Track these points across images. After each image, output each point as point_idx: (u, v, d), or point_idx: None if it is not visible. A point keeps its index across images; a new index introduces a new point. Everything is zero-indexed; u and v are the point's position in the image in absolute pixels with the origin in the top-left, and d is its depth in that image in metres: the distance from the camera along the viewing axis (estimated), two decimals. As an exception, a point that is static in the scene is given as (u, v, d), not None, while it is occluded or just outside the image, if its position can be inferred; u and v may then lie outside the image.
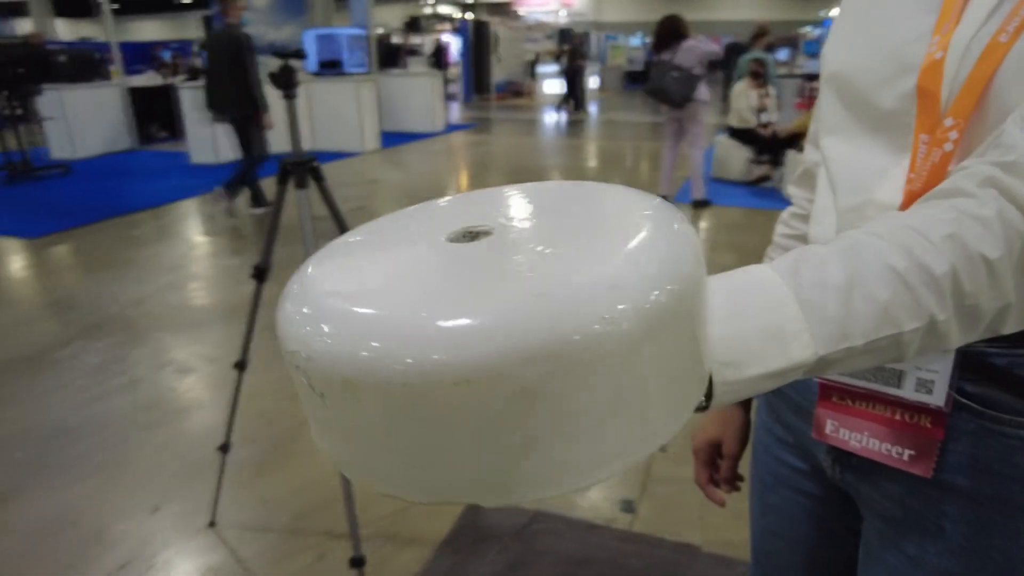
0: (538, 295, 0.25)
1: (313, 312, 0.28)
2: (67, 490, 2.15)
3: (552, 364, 0.24)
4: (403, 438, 0.26)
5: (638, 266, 0.27)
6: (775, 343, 0.36)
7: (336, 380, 0.26)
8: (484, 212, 0.35)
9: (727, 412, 0.82)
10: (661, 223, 0.30)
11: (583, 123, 12.83)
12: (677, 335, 0.28)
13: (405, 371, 0.24)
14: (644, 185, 5.66)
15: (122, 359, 3.07)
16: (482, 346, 0.24)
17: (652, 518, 1.99)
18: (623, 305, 0.25)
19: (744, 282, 0.37)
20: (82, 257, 4.78)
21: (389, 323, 0.25)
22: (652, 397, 0.28)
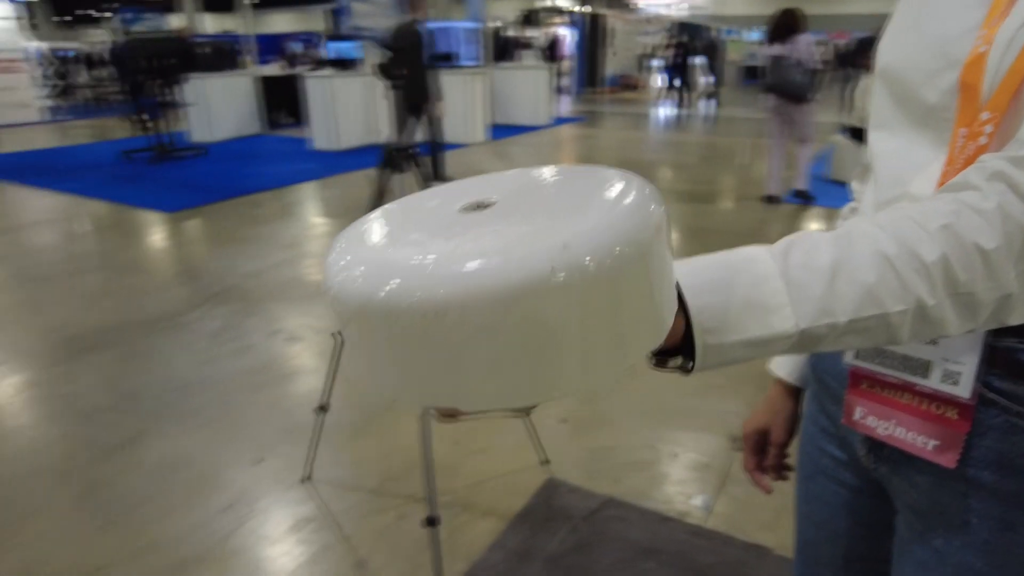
0: (503, 251, 0.32)
1: (346, 261, 0.36)
2: (186, 437, 2.41)
3: (509, 303, 0.31)
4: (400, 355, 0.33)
5: (589, 234, 0.33)
6: (756, 314, 0.40)
7: (357, 308, 0.34)
8: (497, 188, 0.42)
9: (777, 401, 0.84)
10: (630, 203, 0.36)
11: (695, 118, 12.52)
12: (621, 288, 0.33)
13: (404, 304, 0.32)
14: (753, 183, 5.53)
15: (238, 326, 3.37)
16: (457, 287, 0.31)
17: (726, 517, 1.98)
18: (570, 260, 0.31)
19: (735, 259, 0.42)
20: (210, 231, 5.24)
21: (400, 269, 0.33)
22: (600, 336, 0.33)
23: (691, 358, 0.41)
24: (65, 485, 2.15)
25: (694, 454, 2.29)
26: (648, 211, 0.36)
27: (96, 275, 4.25)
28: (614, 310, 0.34)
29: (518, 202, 0.39)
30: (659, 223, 0.36)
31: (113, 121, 12.37)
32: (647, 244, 0.34)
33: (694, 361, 0.41)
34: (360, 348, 0.35)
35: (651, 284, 0.36)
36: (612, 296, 0.33)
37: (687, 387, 2.69)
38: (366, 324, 0.33)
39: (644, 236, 0.34)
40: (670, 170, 7.54)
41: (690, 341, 0.41)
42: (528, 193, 0.41)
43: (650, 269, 0.35)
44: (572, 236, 0.32)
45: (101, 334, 3.28)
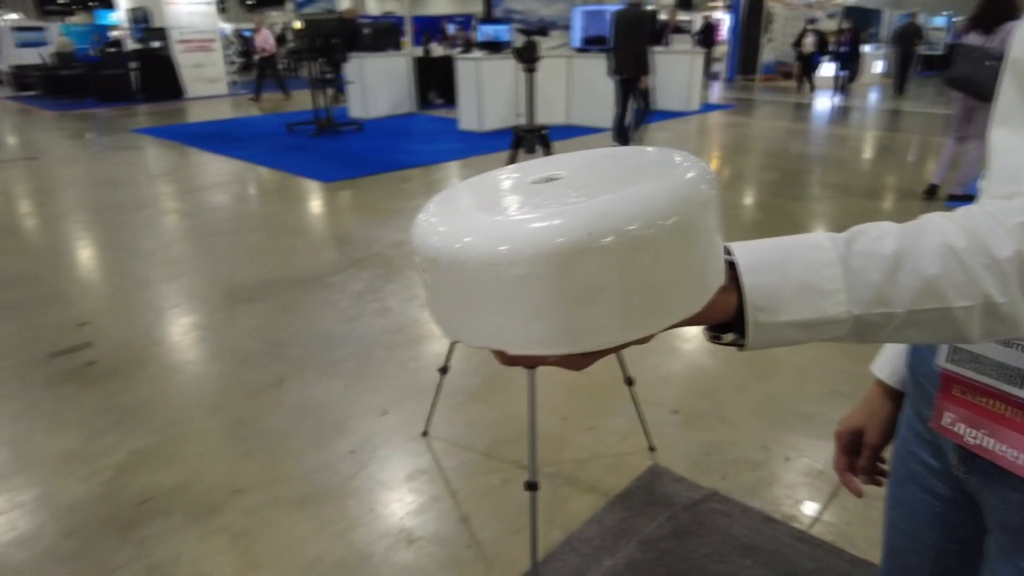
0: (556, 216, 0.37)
1: (422, 219, 0.43)
2: (323, 385, 2.66)
3: (543, 261, 0.36)
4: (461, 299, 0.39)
5: (629, 204, 0.37)
6: (809, 297, 0.42)
7: (430, 259, 0.40)
8: (569, 165, 0.48)
9: (875, 402, 0.82)
10: (678, 182, 0.39)
11: (857, 111, 11.61)
12: (660, 257, 0.37)
13: (462, 255, 0.38)
14: (913, 177, 5.08)
15: (378, 289, 3.62)
16: (506, 242, 0.36)
17: (835, 527, 1.90)
18: (606, 226, 0.36)
19: (796, 243, 0.44)
20: (361, 202, 5.62)
21: (459, 225, 0.39)
22: (632, 297, 0.37)
23: (744, 334, 0.44)
24: (218, 416, 2.45)
25: (808, 459, 2.20)
26: (695, 189, 0.39)
27: (259, 234, 4.72)
28: (649, 274, 0.37)
29: (582, 177, 0.44)
30: (705, 201, 0.39)
31: (281, 96, 13.50)
32: (685, 217, 0.37)
33: (746, 338, 0.43)
34: (435, 293, 0.42)
35: (689, 254, 0.39)
36: (646, 261, 0.37)
37: (809, 392, 2.57)
38: (442, 272, 0.40)
39: (682, 210, 0.37)
40: (818, 163, 7.08)
41: (743, 318, 0.43)
42: (593, 169, 0.46)
43: (688, 242, 0.38)
44: (611, 206, 0.37)
45: (259, 287, 3.66)
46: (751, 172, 6.75)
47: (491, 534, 1.88)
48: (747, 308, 0.42)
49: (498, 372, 2.74)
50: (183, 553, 1.81)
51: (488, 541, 1.85)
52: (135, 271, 4.01)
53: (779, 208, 5.31)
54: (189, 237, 4.71)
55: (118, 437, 2.32)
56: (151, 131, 9.62)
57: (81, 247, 4.60)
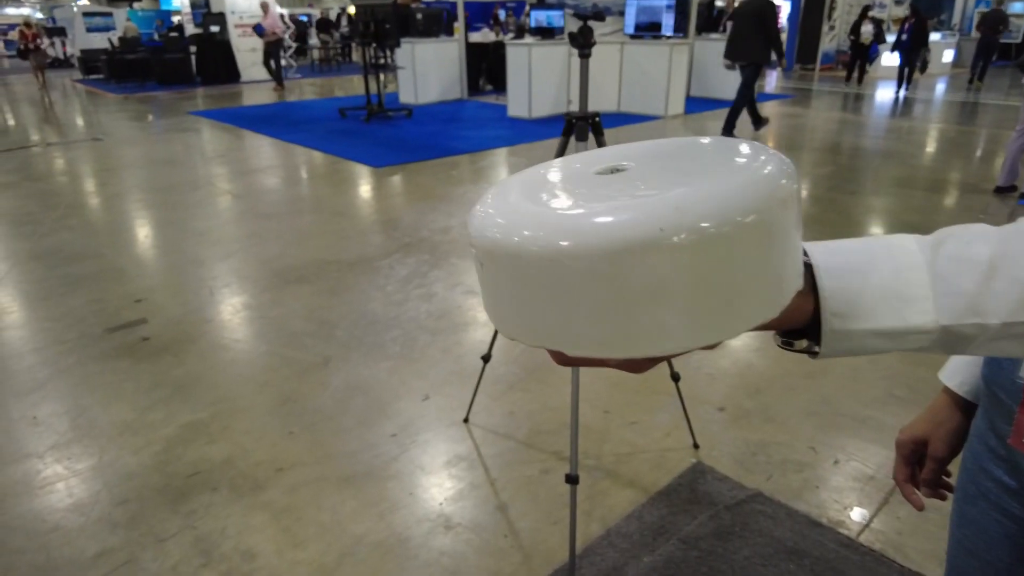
0: (624, 210, 0.34)
1: (481, 208, 0.41)
2: (368, 367, 2.69)
3: (609, 257, 0.33)
4: (519, 295, 0.37)
5: (704, 199, 0.34)
6: (892, 304, 0.38)
7: (488, 252, 0.38)
8: (636, 155, 0.45)
9: (942, 412, 0.78)
10: (755, 175, 0.36)
11: (923, 103, 11.12)
12: (731, 254, 0.34)
13: (519, 248, 0.35)
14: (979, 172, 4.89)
15: (424, 275, 3.64)
16: (569, 236, 0.34)
17: (885, 536, 1.83)
18: (680, 222, 0.33)
19: (878, 245, 0.40)
20: (409, 187, 5.66)
21: (525, 220, 0.37)
22: (703, 300, 0.34)
23: (819, 341, 0.40)
24: (265, 394, 2.50)
25: (859, 463, 2.13)
26: (775, 185, 0.36)
27: (309, 217, 4.79)
28: (723, 276, 0.34)
29: (649, 168, 0.41)
30: (785, 198, 0.36)
31: (338, 80, 13.67)
32: (766, 216, 0.34)
33: (820, 344, 0.40)
34: (492, 288, 0.39)
35: (767, 256, 0.36)
36: (721, 261, 0.34)
37: (863, 394, 2.48)
38: (499, 266, 0.37)
39: (764, 208, 0.34)
40: (879, 157, 6.81)
41: (818, 324, 0.40)
42: (661, 160, 0.43)
43: (766, 241, 0.35)
44: (685, 200, 0.34)
45: (308, 268, 3.72)
46: (806, 165, 6.54)
47: (529, 524, 1.87)
48: (824, 314, 0.39)
49: (540, 363, 2.72)
50: (228, 527, 1.85)
51: (525, 531, 1.85)
52: (189, 249, 4.12)
53: (835, 203, 5.13)
54: (241, 218, 4.81)
55: (170, 411, 2.39)
56: (208, 114, 9.87)
57: (139, 225, 4.75)
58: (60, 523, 1.87)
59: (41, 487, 2.02)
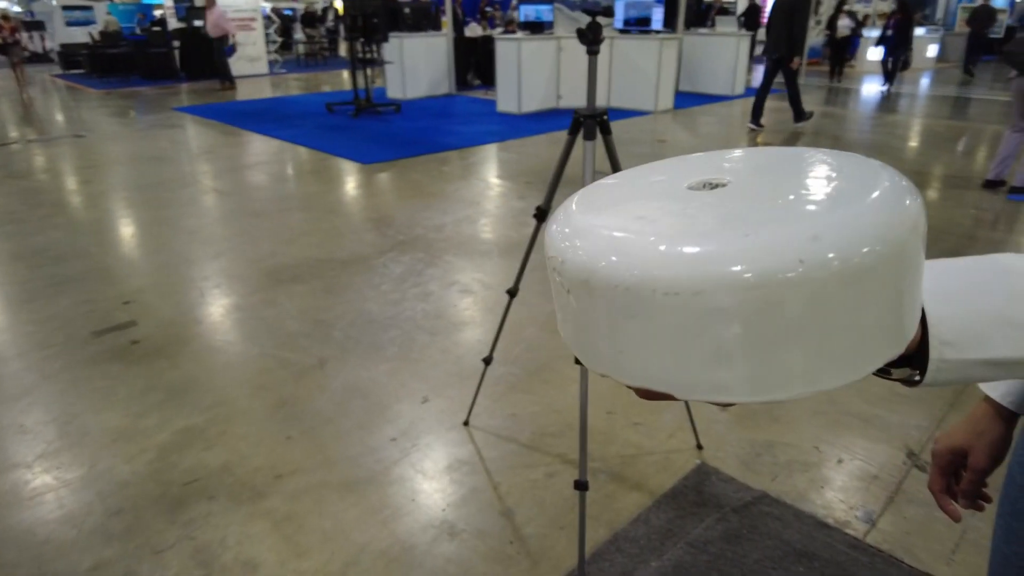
0: (744, 237, 0.30)
1: (572, 231, 0.36)
2: (366, 369, 2.64)
3: (741, 293, 0.29)
4: (621, 331, 0.33)
5: (841, 227, 0.30)
6: (1006, 331, 0.36)
7: (579, 280, 0.34)
8: (723, 167, 0.41)
9: (983, 422, 0.75)
10: (886, 196, 0.33)
11: (908, 98, 11.19)
12: (871, 292, 0.31)
13: (631, 280, 0.31)
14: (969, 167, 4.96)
15: (419, 273, 3.60)
16: (692, 268, 0.30)
17: (893, 536, 1.82)
18: (819, 254, 0.29)
19: (988, 267, 0.37)
20: (400, 184, 5.60)
21: (626, 245, 0.33)
22: (834, 339, 0.31)
23: (920, 369, 0.38)
24: (261, 398, 2.45)
25: (862, 463, 2.12)
26: (904, 206, 0.32)
27: (300, 215, 4.73)
28: (855, 312, 0.31)
29: (752, 184, 0.37)
30: (916, 220, 0.33)
31: (322, 76, 13.54)
32: (901, 243, 0.31)
33: (922, 374, 0.37)
34: (582, 319, 0.36)
35: (900, 287, 0.33)
36: (856, 297, 0.31)
37: (870, 393, 2.48)
38: (596, 297, 0.33)
39: (898, 234, 0.31)
40: (868, 151, 6.83)
41: (923, 351, 0.37)
42: (762, 175, 0.39)
43: (900, 271, 0.32)
44: (823, 228, 0.30)
45: (301, 268, 3.66)
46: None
47: (535, 530, 1.84)
48: (932, 341, 0.36)
49: (541, 364, 2.69)
50: (228, 537, 1.81)
51: (532, 537, 1.82)
52: (178, 249, 4.05)
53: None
54: (230, 216, 4.74)
55: (163, 416, 2.34)
56: (193, 110, 9.74)
57: (126, 224, 4.67)
58: (52, 535, 1.82)
59: (30, 498, 1.96)
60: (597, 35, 1.53)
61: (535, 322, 2.99)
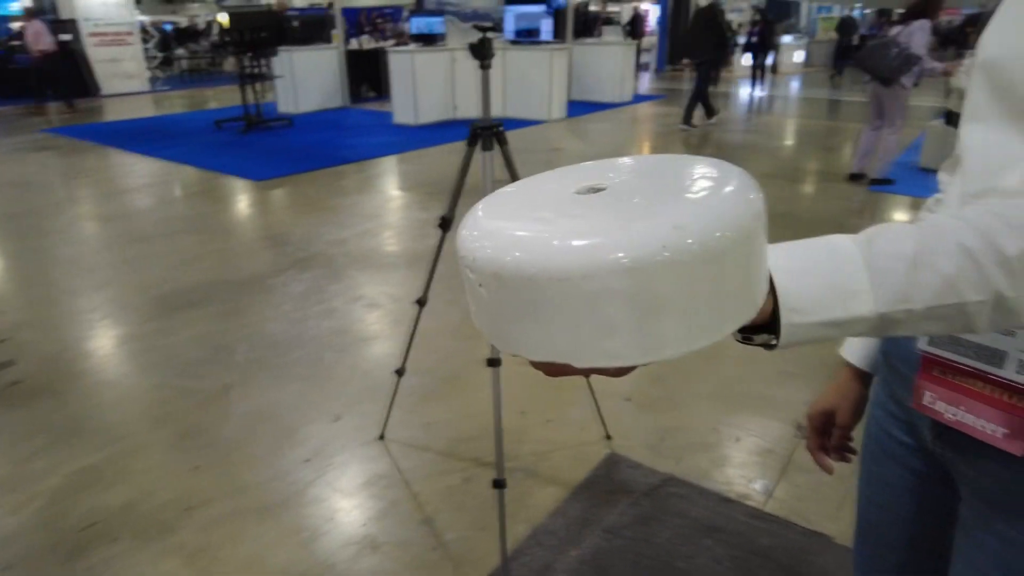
0: (620, 230, 0.36)
1: (480, 233, 0.42)
2: (274, 391, 2.58)
3: (620, 275, 0.35)
4: (529, 314, 0.39)
5: (701, 215, 0.37)
6: (838, 297, 0.43)
7: (490, 274, 0.39)
8: (608, 174, 0.47)
9: (845, 385, 0.85)
10: (735, 191, 0.40)
11: (781, 100, 12.05)
12: (724, 268, 0.38)
13: (533, 271, 0.37)
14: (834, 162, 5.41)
15: (322, 290, 3.54)
16: (581, 257, 0.36)
17: (787, 503, 1.98)
18: (681, 240, 0.36)
19: (822, 246, 0.45)
20: (296, 200, 5.47)
21: (527, 242, 0.38)
22: (699, 308, 0.38)
23: (775, 335, 0.45)
24: (163, 429, 2.35)
25: (757, 439, 2.28)
26: (749, 199, 0.39)
27: (191, 237, 4.53)
28: (714, 286, 0.37)
29: (628, 186, 0.43)
30: (758, 210, 0.40)
31: (211, 91, 12.99)
32: (746, 228, 0.38)
33: (778, 338, 0.44)
34: (495, 308, 0.40)
35: (748, 263, 0.39)
36: (713, 273, 0.37)
37: (758, 374, 2.66)
38: (506, 288, 0.39)
39: (744, 221, 0.38)
40: (746, 151, 7.32)
41: (775, 319, 0.44)
42: (637, 178, 0.45)
43: (748, 250, 0.39)
44: (684, 218, 0.36)
45: (196, 292, 3.51)
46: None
47: (456, 534, 1.87)
48: (782, 309, 0.43)
49: (453, 372, 2.72)
50: (135, 577, 1.72)
51: (454, 541, 1.84)
52: (57, 281, 3.78)
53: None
54: (114, 243, 4.47)
55: (53, 460, 2.19)
56: (64, 130, 9.09)
57: (-5, 257, 4.31)
58: (-68, 597, 1.67)
59: (-96, 560, 1.79)
60: (488, 50, 1.59)
61: (444, 331, 3.02)
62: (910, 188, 5.55)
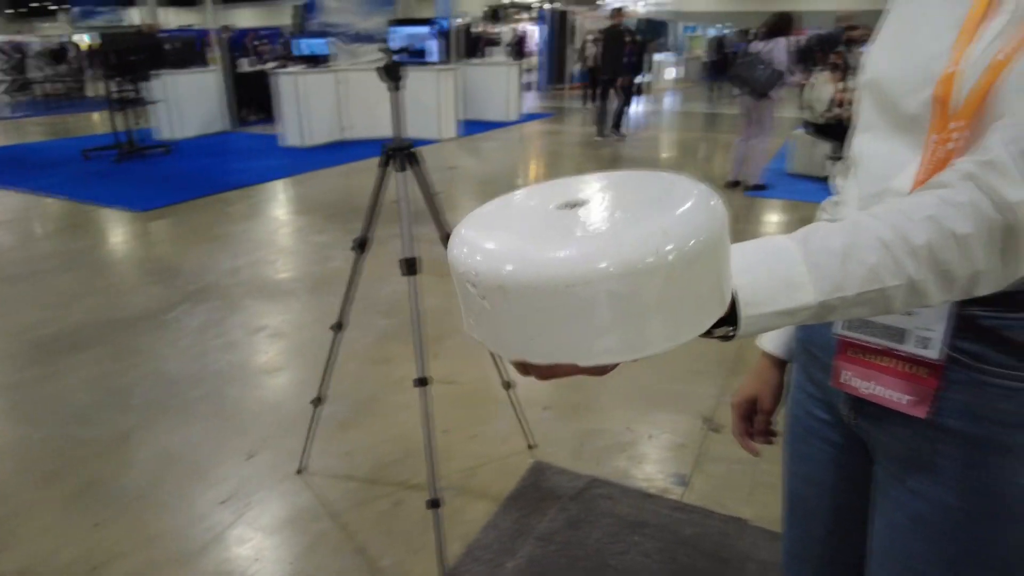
0: (609, 239, 0.41)
1: (479, 250, 0.44)
2: (178, 433, 2.44)
3: (615, 279, 0.39)
4: (531, 321, 0.42)
5: (681, 224, 0.42)
6: (785, 290, 0.50)
7: (495, 287, 0.42)
8: (582, 190, 0.51)
9: (764, 372, 0.94)
10: (701, 199, 0.45)
11: (660, 114, 12.73)
12: (702, 269, 0.43)
13: (537, 280, 0.40)
14: (713, 170, 5.78)
15: (221, 322, 3.38)
16: (580, 267, 0.40)
17: (704, 492, 2.09)
18: (669, 246, 0.40)
19: (767, 246, 0.52)
20: (184, 230, 5.19)
21: (528, 255, 0.41)
22: (684, 305, 0.42)
23: (733, 327, 0.50)
24: (56, 485, 2.16)
25: (670, 435, 2.40)
26: (714, 207, 0.45)
27: (69, 275, 4.19)
28: (692, 286, 0.42)
29: (605, 200, 0.48)
30: (723, 215, 0.45)
31: (73, 118, 12.07)
32: (715, 232, 0.43)
33: (736, 329, 0.50)
34: (498, 317, 0.43)
35: (719, 265, 0.45)
36: (691, 276, 0.42)
37: (665, 373, 2.80)
38: (510, 297, 0.41)
39: (712, 226, 0.43)
40: (637, 165, 7.69)
41: (733, 312, 0.50)
42: (611, 193, 0.50)
43: (717, 253, 0.44)
44: (667, 227, 0.41)
45: (81, 334, 3.26)
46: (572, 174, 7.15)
47: (391, 559, 1.85)
48: (739, 304, 0.48)
49: (369, 396, 2.68)
50: (39, 647, 1.58)
51: (390, 567, 1.82)
52: (-89, 332, 3.39)
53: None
54: (-23, 286, 4.06)
55: (-74, 529, 1.97)
56: (-99, 166, 8.15)
57: None
58: None
59: None
60: (398, 73, 1.60)
61: (356, 355, 2.97)
62: (783, 192, 6.04)
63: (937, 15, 0.65)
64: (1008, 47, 0.57)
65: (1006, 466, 0.65)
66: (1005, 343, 0.63)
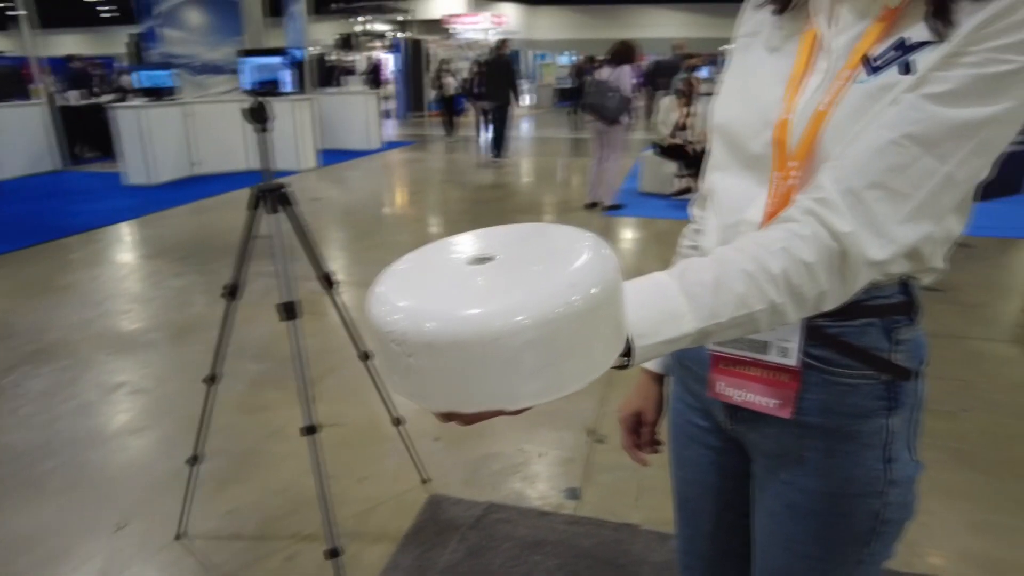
0: (526, 294, 0.45)
1: (400, 310, 0.47)
2: (27, 513, 2.19)
3: (534, 329, 0.43)
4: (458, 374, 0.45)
5: (583, 274, 0.47)
6: (670, 321, 0.57)
7: (422, 344, 0.44)
8: (488, 245, 0.55)
9: (645, 387, 1.02)
10: (595, 250, 0.51)
11: (517, 140, 13.13)
12: (604, 312, 0.48)
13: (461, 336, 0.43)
14: (572, 193, 6.04)
15: (71, 383, 3.08)
16: (498, 320, 0.43)
17: (595, 503, 2.18)
18: (576, 296, 0.45)
19: (651, 283, 0.59)
20: (16, 283, 4.67)
21: (449, 313, 0.44)
22: (594, 345, 0.48)
23: (627, 357, 0.56)
24: None
25: (558, 451, 2.49)
26: (608, 256, 0.50)
27: None
28: (597, 327, 0.47)
29: (512, 255, 0.52)
30: (615, 264, 0.51)
31: None
32: (611, 279, 0.49)
33: (631, 359, 0.56)
34: (427, 372, 0.45)
35: (616, 307, 0.50)
36: (594, 320, 0.47)
37: (548, 392, 2.89)
38: (439, 353, 0.44)
39: (607, 274, 0.48)
40: (499, 189, 7.89)
41: (627, 344, 0.55)
42: (516, 247, 0.54)
43: (614, 296, 0.50)
44: (574, 278, 0.46)
45: None
46: (453, 203, 7.23)
47: (289, 616, 1.76)
48: (632, 336, 0.54)
49: (247, 449, 2.55)
50: None
51: (287, 624, 1.74)
52: None
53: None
54: None
55: None
56: None
57: None
58: None
59: None
60: (264, 115, 1.57)
61: (229, 405, 2.81)
62: (637, 210, 6.44)
63: (769, 70, 0.75)
64: (826, 99, 0.68)
65: (853, 451, 0.76)
66: (846, 347, 0.74)
